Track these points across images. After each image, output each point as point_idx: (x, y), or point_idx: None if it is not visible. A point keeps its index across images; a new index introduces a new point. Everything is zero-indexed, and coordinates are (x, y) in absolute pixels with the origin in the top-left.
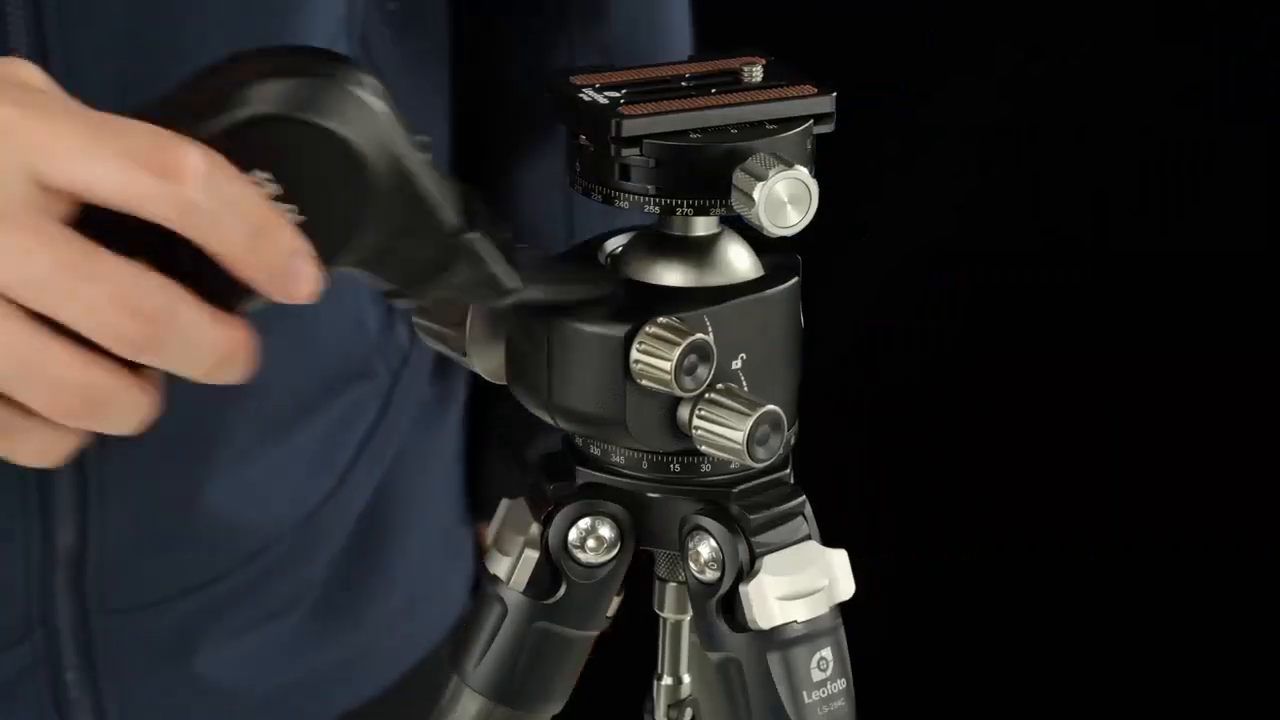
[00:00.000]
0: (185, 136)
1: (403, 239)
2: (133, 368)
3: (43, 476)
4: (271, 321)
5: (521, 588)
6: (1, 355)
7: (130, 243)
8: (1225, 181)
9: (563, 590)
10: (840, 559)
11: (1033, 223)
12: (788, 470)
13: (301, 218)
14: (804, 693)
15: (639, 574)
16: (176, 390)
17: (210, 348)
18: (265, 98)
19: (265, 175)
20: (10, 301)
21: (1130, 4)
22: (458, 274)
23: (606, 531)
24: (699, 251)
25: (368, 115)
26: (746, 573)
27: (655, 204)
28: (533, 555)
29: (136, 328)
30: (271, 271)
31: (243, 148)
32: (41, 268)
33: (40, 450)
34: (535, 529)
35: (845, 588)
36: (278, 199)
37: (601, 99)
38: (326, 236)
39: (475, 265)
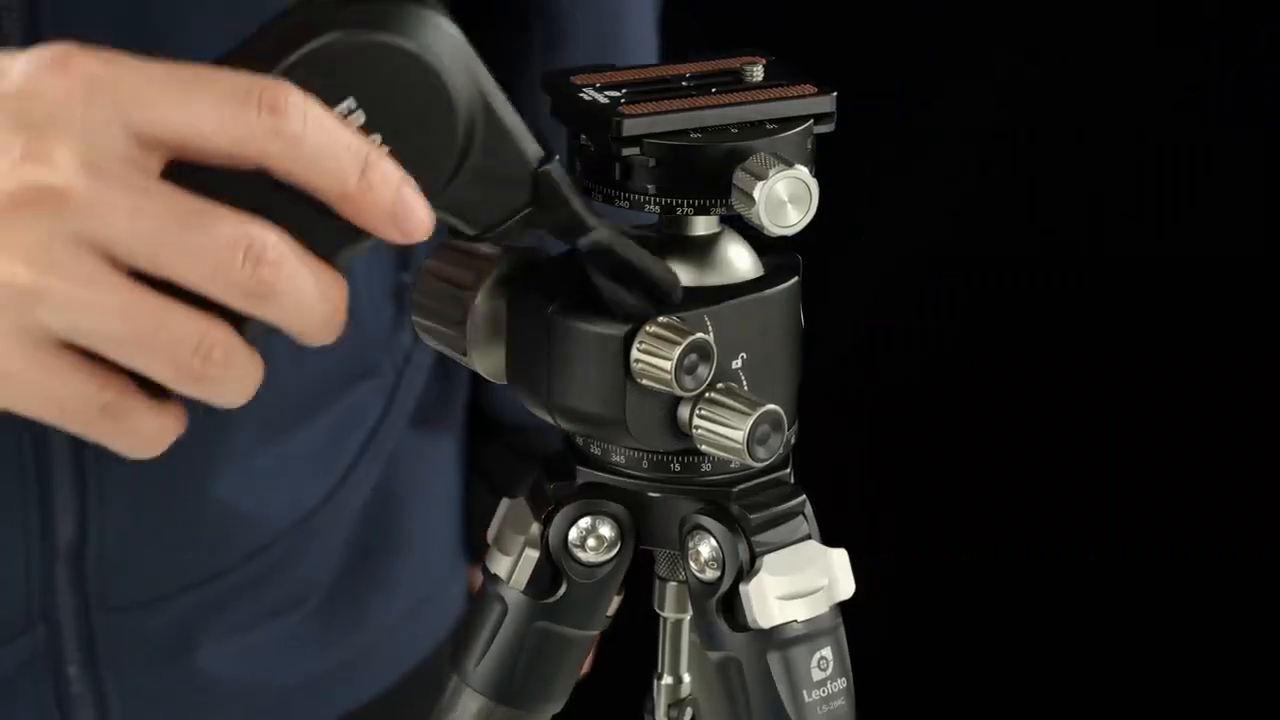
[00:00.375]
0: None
1: (489, 173)
2: (239, 328)
3: (41, 469)
4: None
5: (522, 587)
6: (119, 320)
7: (227, 199)
8: (1222, 186)
9: (563, 590)
10: (840, 558)
11: (1030, 225)
12: (788, 470)
13: (392, 151)
14: (804, 692)
15: (639, 574)
16: None
17: (320, 300)
18: (339, 23)
19: (349, 105)
20: (117, 264)
21: (1128, 8)
22: (544, 210)
23: (607, 531)
24: (699, 251)
25: (448, 39)
26: (746, 572)
27: (656, 204)
28: (533, 555)
29: (252, 276)
30: (383, 208)
31: (323, 79)
32: (151, 222)
33: (148, 435)
34: (535, 528)
35: (845, 587)
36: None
37: (602, 99)
38: (420, 171)
39: (559, 200)
